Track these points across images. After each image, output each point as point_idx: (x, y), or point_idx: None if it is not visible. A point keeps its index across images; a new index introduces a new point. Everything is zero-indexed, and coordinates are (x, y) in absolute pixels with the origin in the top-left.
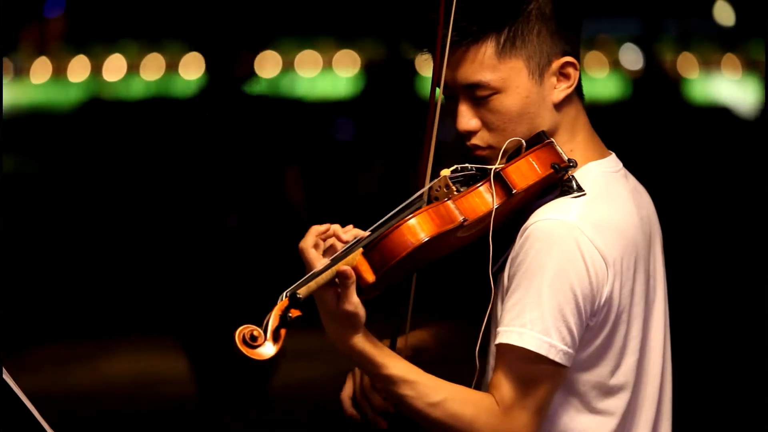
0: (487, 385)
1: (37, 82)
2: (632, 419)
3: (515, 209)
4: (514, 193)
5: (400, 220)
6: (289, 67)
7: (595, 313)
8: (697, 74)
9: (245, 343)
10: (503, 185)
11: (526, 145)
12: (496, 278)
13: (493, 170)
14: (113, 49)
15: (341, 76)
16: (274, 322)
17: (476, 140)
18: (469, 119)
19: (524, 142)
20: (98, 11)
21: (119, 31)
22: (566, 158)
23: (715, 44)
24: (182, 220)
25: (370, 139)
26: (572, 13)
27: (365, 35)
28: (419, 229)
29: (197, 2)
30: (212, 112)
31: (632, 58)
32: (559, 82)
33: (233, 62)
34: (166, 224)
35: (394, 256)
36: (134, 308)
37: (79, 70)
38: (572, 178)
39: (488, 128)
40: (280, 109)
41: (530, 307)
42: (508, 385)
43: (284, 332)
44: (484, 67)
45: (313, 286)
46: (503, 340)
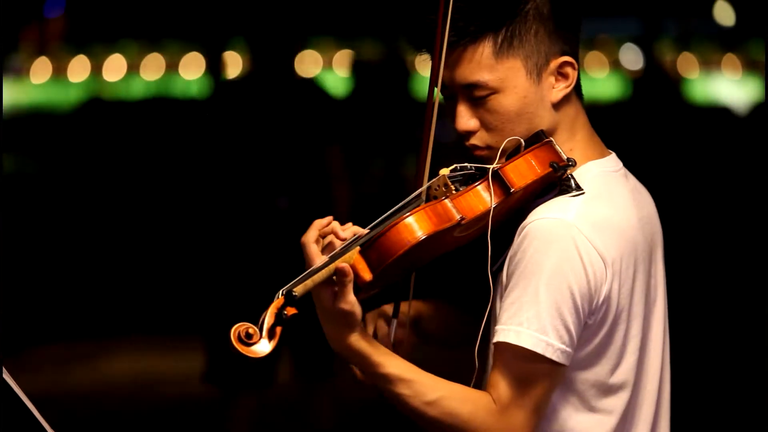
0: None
1: (37, 82)
2: (632, 418)
3: (514, 208)
4: (512, 192)
5: (397, 218)
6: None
7: (593, 311)
8: (697, 74)
9: (240, 340)
10: (501, 184)
11: (524, 144)
12: (495, 277)
13: (491, 169)
14: (113, 49)
15: (341, 75)
16: (269, 320)
17: (475, 140)
18: (467, 119)
19: (523, 141)
20: (98, 11)
21: (119, 31)
22: (565, 157)
23: (715, 44)
24: (186, 217)
25: (367, 138)
26: (570, 12)
27: (364, 35)
28: (416, 227)
29: (197, 2)
30: (212, 112)
31: (632, 58)
32: (557, 81)
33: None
34: (166, 224)
35: (391, 254)
36: (134, 308)
37: (79, 70)
38: (571, 177)
39: (487, 128)
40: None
41: (527, 305)
42: (505, 383)
43: (280, 330)
44: (481, 67)
45: (309, 284)
46: (500, 338)
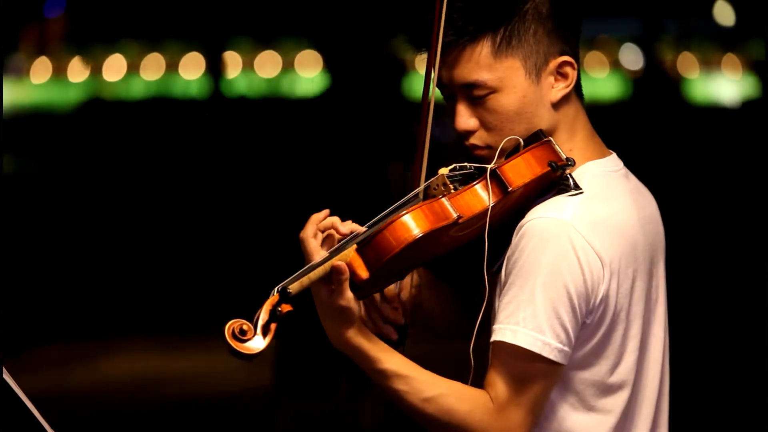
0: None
1: (37, 82)
2: (632, 418)
3: (513, 208)
4: (509, 191)
5: (393, 216)
6: (289, 67)
7: (590, 311)
8: (697, 74)
9: (234, 337)
10: (499, 183)
11: (523, 143)
12: (496, 277)
13: (489, 169)
14: (113, 49)
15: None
16: (264, 316)
17: (475, 140)
18: (467, 119)
19: (522, 140)
20: (98, 11)
21: (119, 31)
22: (564, 157)
23: (715, 44)
24: (186, 217)
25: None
26: (570, 12)
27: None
28: (413, 225)
29: (197, 2)
30: (212, 112)
31: (632, 58)
32: (556, 81)
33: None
34: (166, 224)
35: (387, 252)
36: (134, 308)
37: (79, 70)
38: (569, 176)
39: (486, 128)
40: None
41: (524, 305)
42: (502, 382)
43: (274, 327)
44: (480, 66)
45: (306, 281)
46: (497, 337)
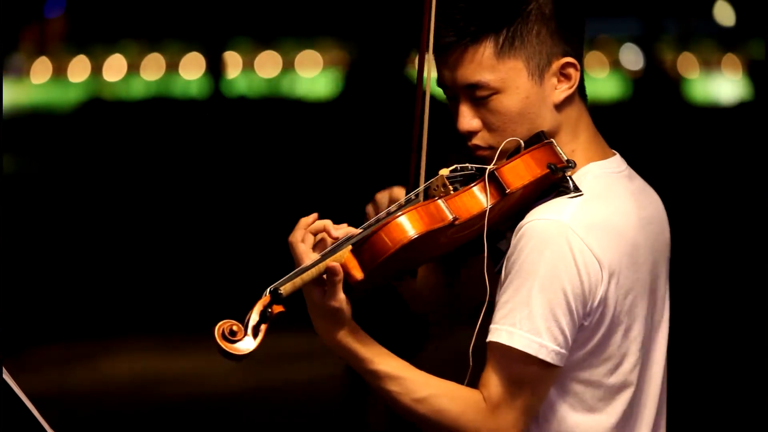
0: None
1: (37, 82)
2: (634, 420)
3: (512, 209)
4: (507, 193)
5: (389, 218)
6: (289, 67)
7: (588, 313)
8: (697, 74)
9: (224, 337)
10: (497, 185)
11: (524, 145)
12: (497, 278)
13: (487, 170)
14: (113, 49)
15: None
16: (254, 317)
17: (477, 140)
18: (469, 120)
19: (522, 142)
20: (99, 11)
21: (119, 31)
22: (565, 158)
23: (715, 44)
24: (186, 217)
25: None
26: (573, 13)
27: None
28: (408, 226)
29: (197, 2)
30: (212, 112)
31: (632, 58)
32: (559, 82)
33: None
34: (166, 223)
35: (382, 253)
36: (134, 308)
37: (79, 70)
38: (569, 178)
39: (489, 129)
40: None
41: (520, 306)
42: (496, 383)
43: (265, 328)
44: (483, 67)
45: (298, 282)
46: (493, 338)
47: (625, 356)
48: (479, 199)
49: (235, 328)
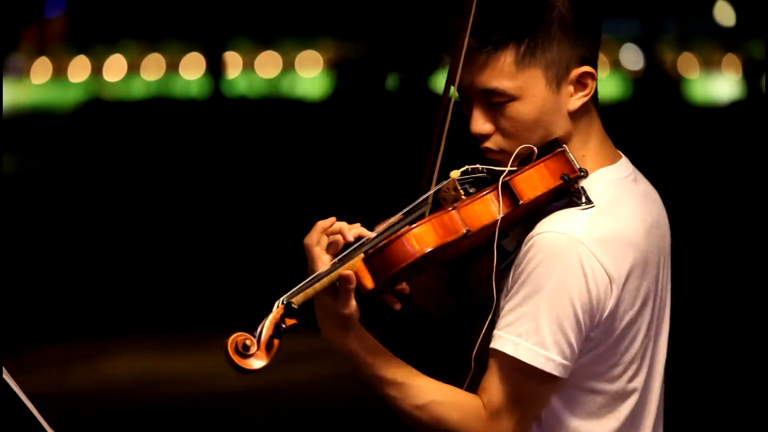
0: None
1: (37, 82)
2: (637, 424)
3: (523, 216)
4: (521, 204)
5: (403, 227)
6: (289, 67)
7: (596, 326)
8: (697, 74)
9: (237, 352)
10: (510, 195)
11: (537, 151)
12: (502, 275)
13: (500, 180)
14: (114, 49)
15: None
16: (267, 331)
17: (489, 144)
18: (483, 123)
19: (536, 149)
20: (99, 11)
21: (120, 31)
22: (577, 167)
23: (715, 44)
24: (186, 217)
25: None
26: (592, 19)
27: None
28: (422, 239)
29: (197, 2)
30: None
31: (632, 58)
32: (576, 90)
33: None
34: (166, 223)
35: (395, 265)
36: (134, 308)
37: (79, 70)
38: (581, 189)
39: (502, 133)
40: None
41: (527, 318)
42: (497, 391)
43: (277, 343)
44: (502, 74)
45: (310, 292)
46: (497, 346)
47: (630, 363)
48: (492, 208)
49: (248, 342)
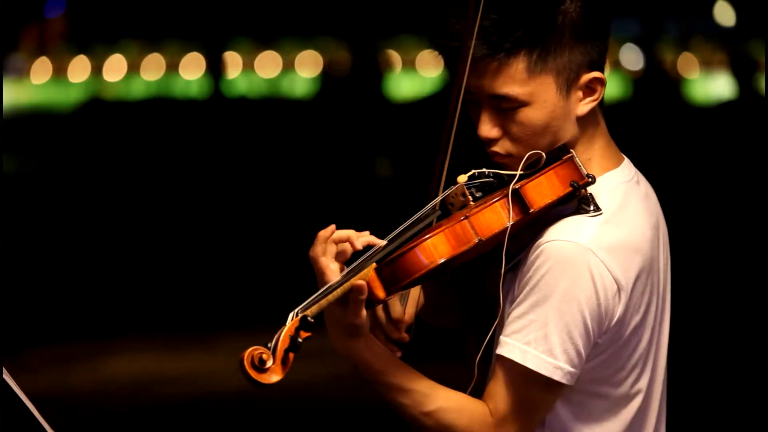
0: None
1: (37, 82)
2: (640, 426)
3: (531, 222)
4: (531, 212)
5: (415, 236)
6: (289, 67)
7: (604, 332)
8: (697, 74)
9: (254, 366)
10: (520, 203)
11: (546, 157)
12: (506, 276)
13: (510, 188)
14: (114, 49)
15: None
16: (282, 344)
17: (497, 148)
18: (491, 127)
19: (544, 155)
20: (99, 12)
21: (120, 31)
22: (585, 173)
23: (715, 44)
24: (186, 217)
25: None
26: (602, 22)
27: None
28: (435, 250)
29: (197, 2)
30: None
31: (633, 58)
32: (584, 96)
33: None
34: (166, 223)
35: (407, 276)
36: (134, 308)
37: (79, 70)
38: (590, 196)
39: (511, 138)
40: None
41: (536, 326)
42: (503, 397)
43: (293, 356)
44: (514, 81)
45: (324, 303)
46: (505, 353)
47: (633, 367)
48: (501, 216)
49: (264, 356)
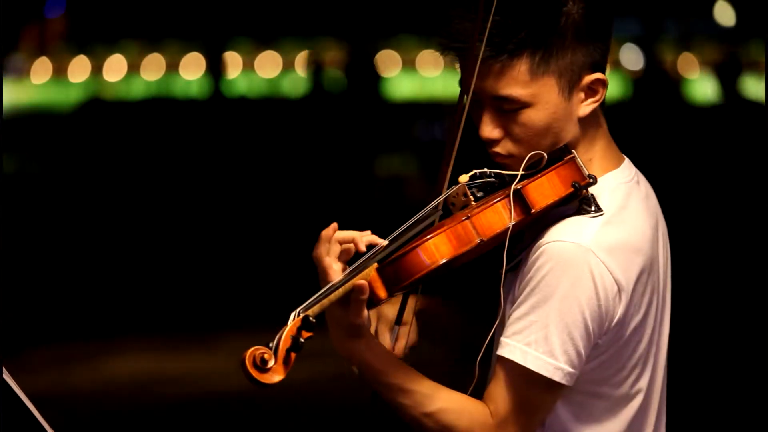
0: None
1: (37, 82)
2: (640, 426)
3: (532, 223)
4: (532, 213)
5: (417, 237)
6: (289, 67)
7: (604, 333)
8: (697, 74)
9: (255, 366)
10: (522, 204)
11: (547, 158)
12: (506, 277)
13: (512, 188)
14: (114, 49)
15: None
16: (284, 344)
17: (498, 148)
18: (492, 128)
19: (546, 156)
20: (99, 12)
21: (120, 31)
22: (586, 173)
23: (715, 44)
24: (186, 217)
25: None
26: (604, 23)
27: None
28: (437, 250)
29: (197, 2)
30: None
31: (633, 58)
32: (586, 97)
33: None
34: (166, 223)
35: (409, 276)
36: (134, 308)
37: (79, 70)
38: (591, 197)
39: (512, 139)
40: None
41: (536, 327)
42: (504, 399)
43: (294, 356)
44: (516, 82)
45: (326, 303)
46: (506, 354)
47: (634, 368)
48: (503, 216)
49: (266, 356)
